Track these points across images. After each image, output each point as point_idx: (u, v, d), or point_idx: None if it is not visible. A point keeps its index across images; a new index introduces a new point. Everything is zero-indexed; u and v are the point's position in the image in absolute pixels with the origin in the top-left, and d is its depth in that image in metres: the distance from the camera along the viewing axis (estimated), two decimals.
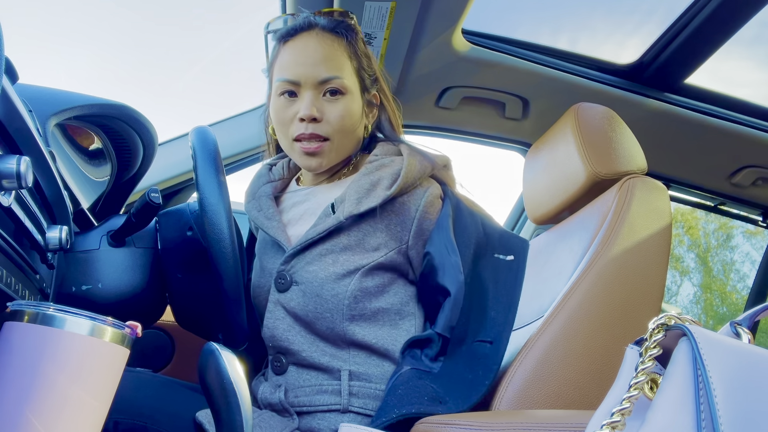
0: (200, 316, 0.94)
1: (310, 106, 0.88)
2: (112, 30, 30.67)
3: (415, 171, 0.91)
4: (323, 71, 0.89)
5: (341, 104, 0.90)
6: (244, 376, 0.56)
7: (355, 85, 0.93)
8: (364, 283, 0.87)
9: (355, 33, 0.95)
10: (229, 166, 1.55)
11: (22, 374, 0.46)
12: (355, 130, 0.94)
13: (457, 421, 0.63)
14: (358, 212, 0.87)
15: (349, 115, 0.91)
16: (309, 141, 0.90)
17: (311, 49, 0.90)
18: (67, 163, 0.95)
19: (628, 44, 1.57)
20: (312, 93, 0.89)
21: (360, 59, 0.94)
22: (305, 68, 0.89)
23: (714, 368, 0.34)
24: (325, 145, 0.91)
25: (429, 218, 0.90)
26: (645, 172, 1.05)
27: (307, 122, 0.89)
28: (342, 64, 0.91)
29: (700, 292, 7.32)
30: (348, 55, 0.92)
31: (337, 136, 0.91)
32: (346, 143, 0.93)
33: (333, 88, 0.89)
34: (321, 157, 0.91)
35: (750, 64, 1.77)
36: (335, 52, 0.91)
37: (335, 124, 0.90)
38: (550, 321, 0.87)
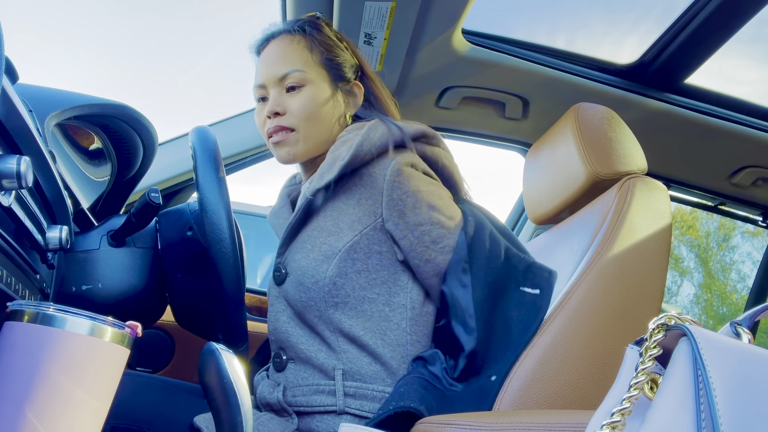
0: (200, 316, 0.94)
1: (272, 102, 0.94)
2: (113, 30, 30.70)
3: (376, 137, 0.89)
4: (280, 68, 0.94)
5: (302, 95, 0.93)
6: (244, 376, 0.56)
7: (319, 75, 0.95)
8: (344, 268, 0.86)
9: (316, 27, 0.98)
10: (229, 166, 1.55)
11: (22, 374, 0.46)
12: (323, 118, 0.95)
13: (457, 421, 0.63)
14: (320, 185, 0.88)
15: (311, 105, 0.93)
16: (276, 134, 0.94)
17: (271, 52, 0.96)
18: (67, 163, 0.95)
19: (628, 44, 1.57)
20: (275, 90, 0.94)
21: (325, 50, 0.96)
22: (266, 70, 0.95)
23: (714, 368, 0.34)
24: (290, 135, 0.94)
25: (399, 188, 0.87)
26: (645, 172, 1.05)
27: (272, 118, 0.94)
28: (300, 58, 0.95)
29: (700, 292, 7.31)
30: (308, 49, 0.95)
31: (302, 125, 0.93)
32: (314, 131, 0.95)
33: (292, 82, 0.94)
34: (288, 146, 0.94)
35: (748, 62, 1.77)
36: (292, 48, 0.95)
37: (297, 114, 0.93)
38: (550, 321, 0.87)
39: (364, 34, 1.27)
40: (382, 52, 1.33)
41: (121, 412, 0.80)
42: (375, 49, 1.32)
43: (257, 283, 3.23)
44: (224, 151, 1.50)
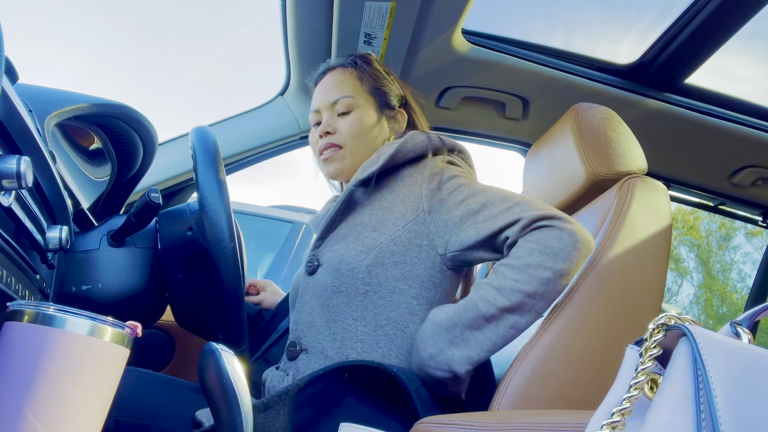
0: (200, 316, 0.94)
1: (325, 123, 1.07)
2: (113, 30, 30.67)
3: (418, 140, 1.00)
4: (333, 95, 1.08)
5: (350, 117, 1.06)
6: (244, 376, 0.56)
7: (367, 102, 1.08)
8: (381, 258, 0.91)
9: (366, 61, 1.12)
10: (229, 166, 1.55)
11: (22, 374, 0.46)
12: (369, 138, 1.06)
13: (457, 421, 0.63)
14: (362, 176, 0.98)
15: (359, 125, 1.05)
16: (326, 150, 1.06)
17: (327, 82, 1.11)
18: (67, 163, 0.95)
19: (628, 44, 1.57)
20: (328, 114, 1.08)
21: (373, 80, 1.10)
22: (321, 97, 1.10)
23: (714, 368, 0.34)
24: (338, 152, 1.05)
25: (439, 178, 0.95)
26: (645, 172, 1.05)
27: (324, 137, 1.06)
28: (350, 87, 1.08)
29: (700, 292, 7.31)
30: (358, 79, 1.09)
31: (349, 143, 1.05)
32: (360, 149, 1.05)
33: (342, 106, 1.07)
34: (336, 161, 1.06)
35: (747, 59, 1.76)
36: (344, 78, 1.09)
37: (345, 133, 1.05)
38: (550, 321, 0.87)
39: (364, 34, 1.27)
40: (382, 52, 1.33)
41: (124, 406, 0.81)
42: (375, 49, 1.32)
43: None
44: (224, 151, 1.50)
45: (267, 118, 1.55)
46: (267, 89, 1.58)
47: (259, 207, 3.43)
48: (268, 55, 4.80)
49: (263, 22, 1.55)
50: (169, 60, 33.95)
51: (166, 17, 32.41)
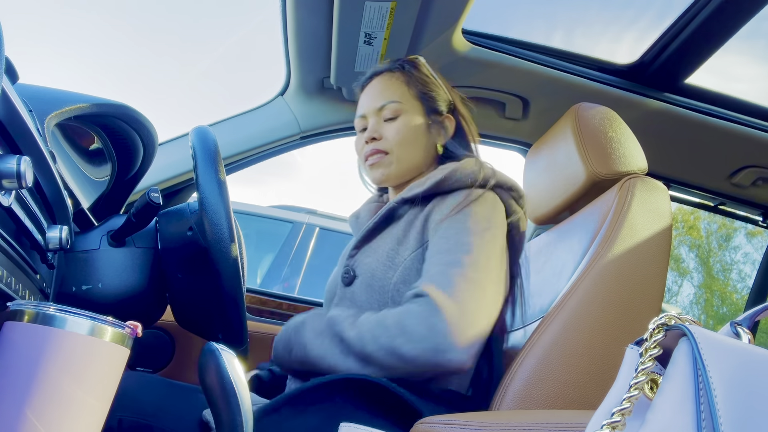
0: (200, 316, 0.94)
1: (371, 129, 1.05)
2: (113, 30, 30.68)
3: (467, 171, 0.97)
4: (379, 100, 1.05)
5: (397, 123, 1.04)
6: (244, 376, 0.56)
7: (414, 107, 1.05)
8: (407, 276, 0.91)
9: (414, 65, 1.10)
10: (229, 166, 1.55)
11: (22, 374, 0.46)
12: (416, 144, 1.04)
13: (457, 421, 0.63)
14: (407, 196, 0.97)
15: (405, 131, 1.03)
16: (372, 156, 1.04)
17: (373, 88, 1.08)
18: (67, 163, 0.95)
19: (628, 43, 1.57)
20: (374, 120, 1.06)
21: (421, 85, 1.07)
22: (368, 103, 1.07)
23: (714, 368, 0.34)
24: (385, 157, 1.03)
25: (463, 202, 0.93)
26: (645, 172, 1.05)
27: (370, 143, 1.04)
28: (397, 92, 1.05)
29: (700, 292, 7.31)
30: (406, 83, 1.06)
31: (396, 149, 1.03)
32: (407, 155, 1.03)
33: (389, 112, 1.04)
34: (382, 167, 1.04)
35: (746, 59, 1.76)
36: (391, 83, 1.07)
37: (392, 139, 1.03)
38: (550, 321, 0.87)
39: (364, 34, 1.27)
40: (382, 52, 1.33)
41: (128, 405, 0.81)
42: (375, 49, 1.32)
43: (257, 283, 3.23)
44: (224, 151, 1.50)
45: (267, 118, 1.55)
46: (267, 89, 1.58)
47: (259, 207, 3.43)
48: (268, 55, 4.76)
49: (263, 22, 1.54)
50: (170, 60, 33.99)
51: (166, 17, 32.43)
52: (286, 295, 1.64)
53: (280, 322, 1.55)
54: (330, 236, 3.32)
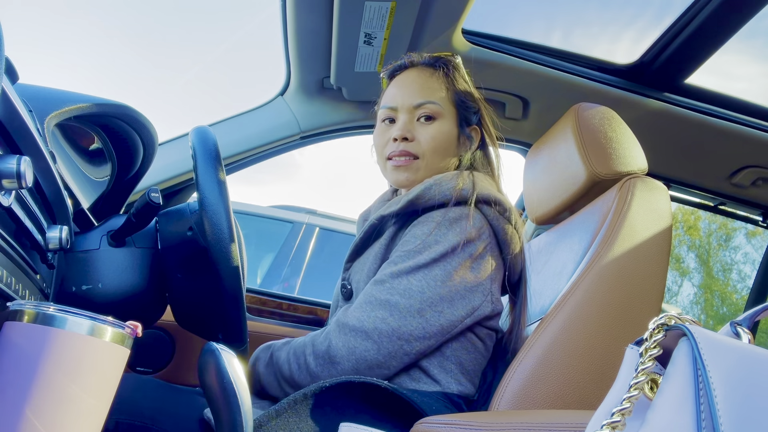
0: (200, 316, 0.94)
1: (403, 127, 0.97)
2: (113, 30, 30.69)
3: (444, 188, 0.91)
4: (418, 97, 0.98)
5: (433, 127, 0.97)
6: (244, 376, 0.56)
7: (450, 113, 1.00)
8: None
9: (454, 68, 1.03)
10: (229, 166, 1.55)
11: (22, 374, 0.46)
12: (445, 153, 0.99)
13: (457, 421, 0.63)
14: (384, 213, 0.94)
15: (440, 138, 0.97)
16: (399, 157, 0.97)
17: (410, 80, 1.01)
18: (67, 163, 0.95)
19: (628, 43, 1.57)
20: (407, 117, 0.98)
21: (458, 92, 1.01)
22: (402, 96, 1.00)
23: (714, 368, 0.34)
24: (414, 162, 0.97)
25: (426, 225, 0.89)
26: (645, 172, 1.05)
27: (399, 141, 0.97)
28: (437, 92, 0.99)
29: (700, 292, 7.31)
30: (445, 86, 1.00)
31: (427, 155, 0.97)
32: (435, 164, 0.98)
33: (426, 113, 0.98)
34: (409, 171, 0.97)
35: (746, 57, 1.76)
36: (432, 81, 1.00)
37: (425, 145, 0.97)
38: (550, 321, 0.87)
39: (364, 34, 1.27)
40: (382, 52, 1.33)
41: (125, 408, 0.81)
42: (375, 49, 1.32)
43: (257, 283, 3.23)
44: (224, 151, 1.50)
45: (267, 118, 1.55)
46: (267, 89, 1.58)
47: (259, 207, 3.43)
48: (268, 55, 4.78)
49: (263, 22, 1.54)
50: (170, 60, 34.01)
51: (166, 17, 32.43)
52: (286, 295, 1.64)
53: (280, 322, 1.55)
54: (330, 236, 3.32)
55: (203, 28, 27.18)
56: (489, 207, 0.92)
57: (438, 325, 0.85)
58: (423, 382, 0.87)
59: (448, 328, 0.86)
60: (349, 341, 0.84)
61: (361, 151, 7.59)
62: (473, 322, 0.88)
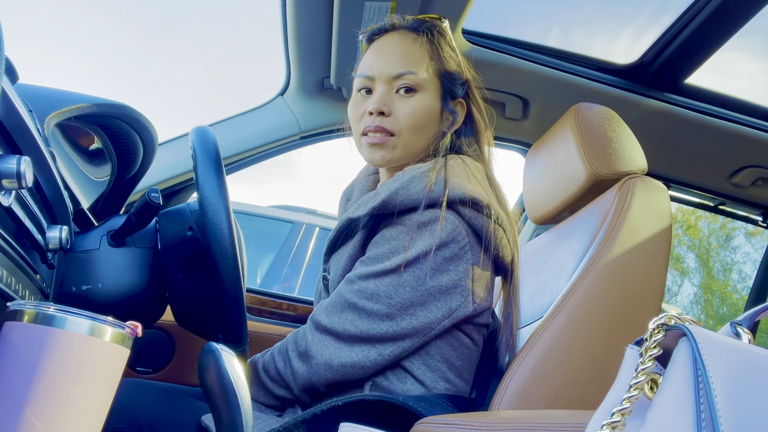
0: (200, 316, 0.94)
1: (380, 99, 0.89)
2: (113, 30, 30.69)
3: (415, 189, 0.84)
4: (397, 66, 0.89)
5: (413, 101, 0.89)
6: (244, 376, 0.56)
7: (433, 85, 0.91)
8: None
9: (440, 33, 0.93)
10: (229, 166, 1.55)
11: (22, 374, 0.46)
12: (425, 130, 0.91)
13: (457, 421, 0.63)
14: (352, 216, 0.88)
15: (419, 113, 0.89)
16: (374, 133, 0.90)
17: (390, 46, 0.91)
18: (67, 163, 0.95)
19: (627, 41, 1.57)
20: (384, 88, 0.90)
21: (443, 61, 0.92)
22: (381, 64, 0.90)
23: (714, 368, 0.34)
24: (390, 140, 0.89)
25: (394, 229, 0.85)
26: (645, 172, 1.05)
27: (375, 115, 0.89)
28: (419, 62, 0.90)
29: (700, 292, 7.31)
30: (429, 54, 0.91)
31: (404, 133, 0.89)
32: (413, 142, 0.91)
33: (406, 85, 0.89)
34: (384, 150, 0.90)
35: (745, 55, 1.76)
36: (414, 49, 0.90)
37: (403, 121, 0.89)
38: (550, 321, 0.87)
39: None
40: None
41: (123, 416, 0.80)
42: None
43: (257, 283, 3.23)
44: (224, 151, 1.50)
45: (267, 118, 1.55)
46: (267, 89, 1.58)
47: (259, 207, 3.43)
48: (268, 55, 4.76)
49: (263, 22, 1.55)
50: (170, 60, 34.01)
51: (166, 17, 32.43)
52: (286, 295, 1.64)
53: (280, 322, 1.55)
54: None
55: (203, 29, 27.15)
56: (464, 207, 0.84)
57: (410, 328, 0.82)
58: (409, 383, 0.85)
59: (423, 330, 0.83)
60: (322, 339, 0.84)
61: None
62: (454, 323, 0.85)
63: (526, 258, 1.22)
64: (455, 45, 0.95)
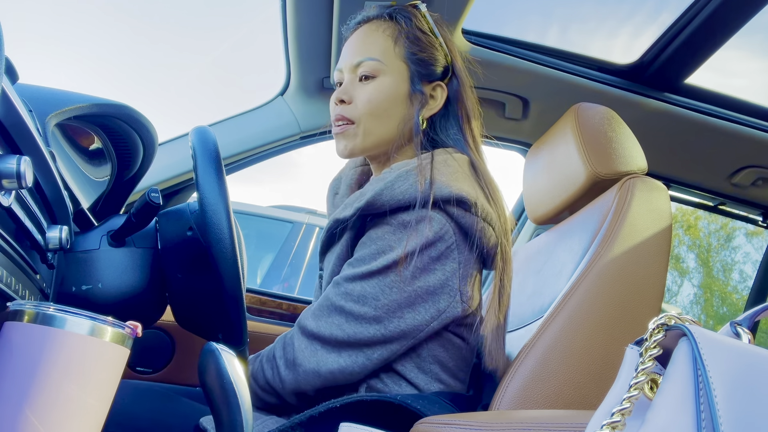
0: (200, 316, 0.94)
1: (341, 89, 0.89)
2: (113, 30, 30.68)
3: (404, 186, 0.82)
4: (357, 55, 0.89)
5: (371, 86, 0.88)
6: (244, 376, 0.56)
7: (397, 69, 0.89)
8: None
9: (407, 16, 0.90)
10: (229, 166, 1.55)
11: (22, 374, 0.46)
12: (388, 116, 0.88)
13: (457, 421, 0.63)
14: (339, 217, 0.87)
15: (378, 98, 0.87)
16: (337, 122, 0.89)
17: (356, 37, 0.91)
18: (67, 163, 0.95)
19: (626, 39, 1.57)
20: (349, 77, 0.90)
21: (410, 43, 0.89)
22: (345, 55, 0.91)
23: (714, 368, 0.34)
24: (350, 128, 0.88)
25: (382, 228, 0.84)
26: (645, 172, 1.05)
27: (337, 104, 0.89)
28: (380, 48, 0.88)
29: (700, 292, 7.31)
30: (392, 38, 0.89)
31: (363, 119, 0.88)
32: (376, 128, 0.88)
33: (365, 71, 0.88)
34: (346, 139, 0.89)
35: (745, 53, 1.75)
36: (376, 36, 0.89)
37: (361, 107, 0.88)
38: (550, 321, 0.87)
39: None
40: None
41: (121, 420, 0.80)
42: None
43: (257, 283, 3.23)
44: (224, 151, 1.50)
45: (267, 118, 1.55)
46: (267, 89, 1.58)
47: (259, 207, 3.43)
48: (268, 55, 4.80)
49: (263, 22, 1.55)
50: (169, 60, 33.95)
51: (165, 17, 32.39)
52: (286, 295, 1.64)
53: (280, 322, 1.55)
54: None
55: (203, 28, 27.19)
56: (451, 205, 0.82)
57: (399, 330, 0.81)
58: (403, 385, 0.84)
59: (412, 332, 0.81)
60: (309, 345, 0.82)
61: None
62: (443, 324, 0.84)
63: (526, 258, 1.22)
64: (429, 27, 0.92)
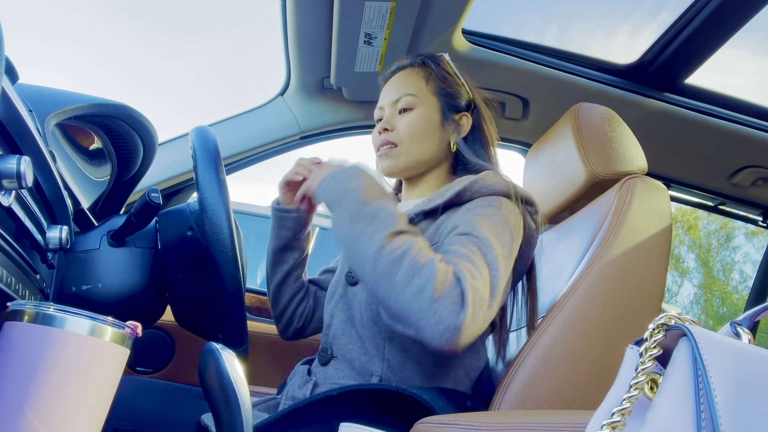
0: (200, 316, 0.94)
1: (385, 120, 1.06)
2: (113, 30, 30.67)
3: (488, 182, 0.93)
4: (396, 93, 1.06)
5: (410, 116, 1.04)
6: (244, 376, 0.56)
7: (430, 102, 1.05)
8: None
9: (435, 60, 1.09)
10: (229, 166, 1.55)
11: (22, 374, 0.46)
12: (426, 138, 1.04)
13: (457, 421, 0.63)
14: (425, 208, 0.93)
15: (416, 124, 1.03)
16: (382, 147, 1.05)
17: (394, 81, 1.09)
18: (67, 163, 0.95)
19: (625, 38, 1.57)
20: (389, 111, 1.06)
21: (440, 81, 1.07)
22: (385, 95, 1.09)
23: (714, 368, 0.34)
24: (393, 150, 1.03)
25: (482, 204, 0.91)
26: (645, 172, 1.05)
27: (381, 132, 1.05)
28: (414, 86, 1.06)
29: (700, 292, 7.31)
30: (425, 78, 1.07)
31: (405, 141, 1.03)
32: (416, 148, 1.03)
33: (403, 105, 1.05)
34: (390, 158, 1.04)
35: (744, 52, 1.75)
36: (411, 77, 1.07)
37: (402, 132, 1.03)
38: (549, 321, 0.87)
39: (364, 34, 1.27)
40: (382, 52, 1.33)
41: (123, 414, 0.81)
42: (375, 49, 1.32)
43: (257, 283, 3.23)
44: (224, 151, 1.50)
45: (267, 118, 1.55)
46: (267, 89, 1.58)
47: (259, 207, 3.43)
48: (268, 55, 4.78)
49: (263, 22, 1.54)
50: (169, 60, 34.00)
51: (165, 17, 32.37)
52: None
53: None
54: (330, 236, 3.32)
55: (202, 28, 27.17)
56: (526, 204, 0.95)
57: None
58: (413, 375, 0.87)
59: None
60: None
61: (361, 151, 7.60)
62: None
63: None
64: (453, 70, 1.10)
